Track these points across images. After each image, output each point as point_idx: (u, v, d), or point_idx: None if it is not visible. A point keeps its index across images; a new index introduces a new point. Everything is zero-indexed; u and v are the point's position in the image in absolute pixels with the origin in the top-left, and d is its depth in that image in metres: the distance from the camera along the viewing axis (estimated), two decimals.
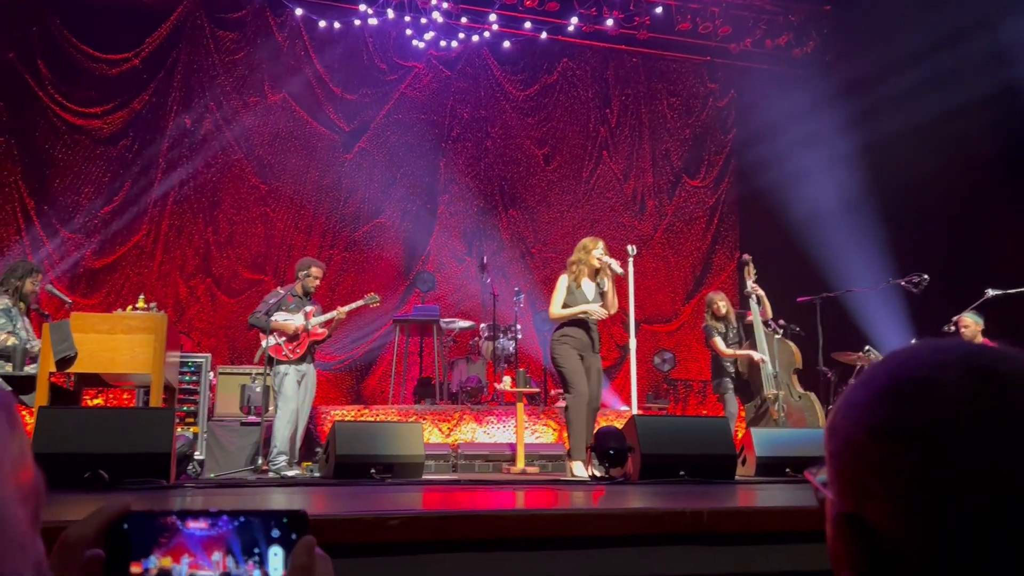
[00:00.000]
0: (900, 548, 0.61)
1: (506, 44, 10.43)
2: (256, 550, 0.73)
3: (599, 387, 5.76)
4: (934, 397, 0.62)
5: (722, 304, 7.06)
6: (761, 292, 6.94)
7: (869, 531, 0.63)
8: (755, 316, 6.87)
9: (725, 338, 6.98)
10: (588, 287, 5.79)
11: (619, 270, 5.74)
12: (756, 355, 6.79)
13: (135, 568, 0.72)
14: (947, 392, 0.62)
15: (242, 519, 0.74)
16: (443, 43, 10.21)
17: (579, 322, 5.69)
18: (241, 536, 0.73)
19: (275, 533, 0.73)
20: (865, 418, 0.64)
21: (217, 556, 0.73)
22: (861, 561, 0.63)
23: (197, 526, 0.73)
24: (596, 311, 5.69)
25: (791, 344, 7.02)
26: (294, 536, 0.73)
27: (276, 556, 0.73)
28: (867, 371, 0.69)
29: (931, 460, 0.60)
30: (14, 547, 0.47)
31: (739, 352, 6.90)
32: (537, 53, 10.66)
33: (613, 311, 5.83)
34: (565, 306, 5.71)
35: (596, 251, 5.79)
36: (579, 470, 5.22)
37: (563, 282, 5.78)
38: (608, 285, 5.79)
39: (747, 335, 7.01)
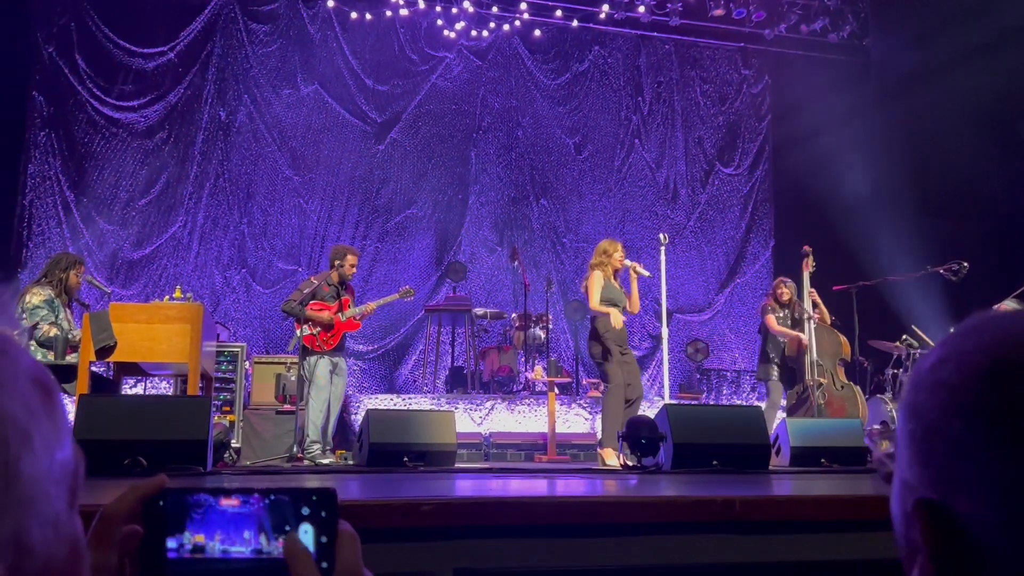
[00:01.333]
0: (993, 546, 0.56)
1: (537, 33, 10.39)
2: (287, 527, 0.74)
3: (638, 378, 5.93)
4: None
5: (787, 291, 7.04)
6: (816, 297, 6.91)
7: (954, 521, 0.58)
8: (805, 303, 6.83)
9: (777, 319, 6.98)
10: (613, 285, 6.00)
11: (646, 273, 6.02)
12: (804, 337, 6.74)
13: (170, 543, 0.74)
14: None
15: (272, 497, 0.75)
16: (474, 33, 10.20)
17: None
18: (272, 514, 0.74)
19: (304, 511, 0.74)
20: (962, 402, 0.59)
21: (248, 533, 0.74)
22: (941, 551, 0.58)
23: (229, 504, 0.74)
24: (618, 318, 5.84)
25: (838, 334, 6.94)
26: (323, 514, 0.74)
27: (306, 534, 0.74)
28: (948, 344, 0.63)
29: None
30: (47, 524, 0.48)
31: (787, 331, 6.85)
32: (568, 41, 10.60)
33: (636, 311, 6.16)
34: (604, 301, 5.76)
35: (617, 254, 6.01)
36: (611, 459, 5.32)
37: (598, 278, 5.92)
38: (633, 286, 6.07)
39: (796, 324, 6.96)
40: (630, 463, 4.76)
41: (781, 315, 6.99)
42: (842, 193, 9.15)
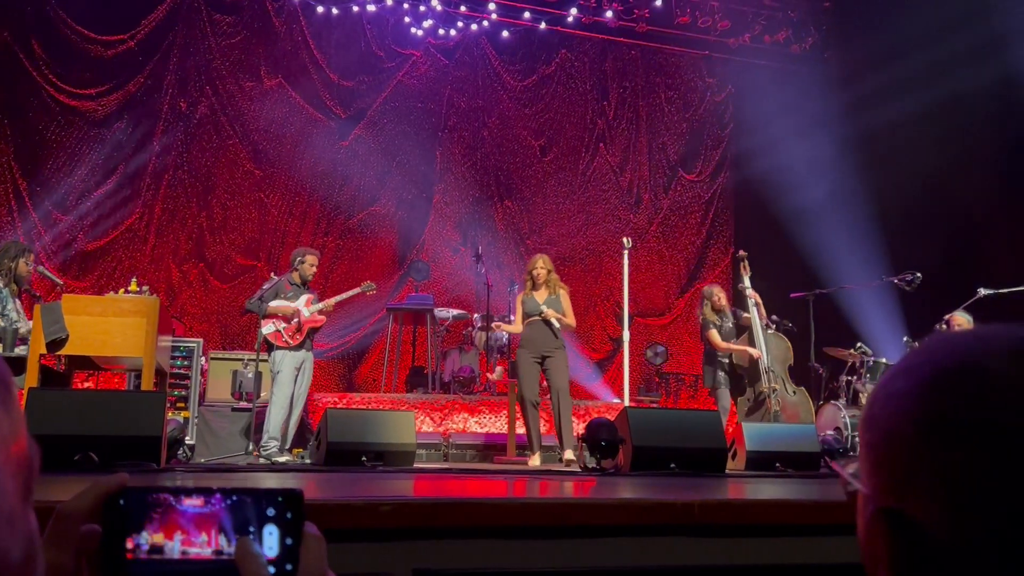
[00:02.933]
0: (946, 544, 0.58)
1: (504, 34, 10.40)
2: (251, 529, 0.72)
3: (552, 380, 6.32)
4: (984, 386, 0.59)
5: (720, 297, 7.07)
6: (758, 298, 6.95)
7: (911, 526, 0.60)
8: (752, 312, 6.89)
9: (720, 331, 6.99)
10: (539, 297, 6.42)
11: (551, 318, 6.32)
12: (753, 351, 6.81)
13: (129, 543, 0.72)
14: (997, 381, 0.58)
15: (236, 498, 0.73)
16: (441, 31, 10.17)
17: (534, 324, 6.29)
18: (235, 514, 0.73)
19: (270, 512, 0.73)
20: (909, 409, 0.61)
21: (210, 534, 0.72)
22: (901, 557, 0.61)
23: (192, 503, 0.73)
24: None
25: (785, 340, 7.04)
26: (289, 515, 0.73)
27: (271, 535, 0.72)
28: (904, 360, 0.66)
29: (983, 453, 0.57)
30: (2, 520, 0.46)
31: (734, 347, 6.91)
32: (535, 43, 10.62)
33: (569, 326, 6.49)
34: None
35: (534, 271, 6.42)
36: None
37: (518, 301, 6.56)
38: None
39: (741, 330, 7.02)
40: (590, 465, 4.78)
41: (719, 323, 7.02)
42: (801, 202, 9.30)
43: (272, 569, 0.71)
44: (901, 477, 0.61)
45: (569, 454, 6.02)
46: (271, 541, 0.72)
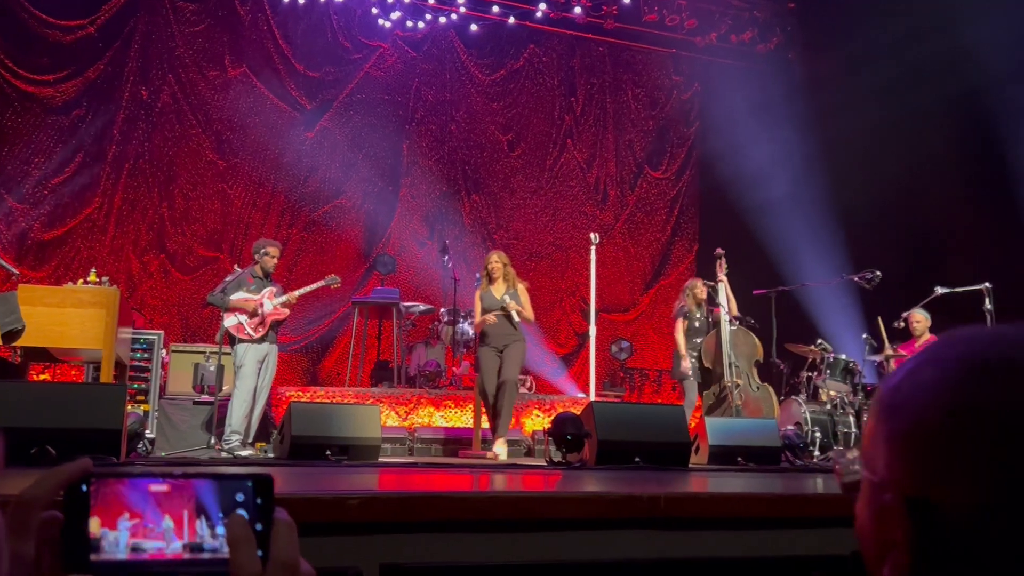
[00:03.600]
0: (973, 534, 0.60)
1: (473, 27, 10.36)
2: (220, 515, 0.71)
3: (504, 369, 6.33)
4: (1017, 378, 0.60)
5: (702, 291, 7.18)
6: (729, 290, 7.05)
7: (936, 515, 0.61)
8: (722, 304, 6.97)
9: (695, 324, 7.10)
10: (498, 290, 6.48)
11: (512, 310, 6.38)
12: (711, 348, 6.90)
13: (93, 530, 0.70)
14: None
15: (206, 482, 0.72)
16: (409, 23, 10.11)
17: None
18: (204, 500, 0.71)
19: (239, 497, 0.71)
20: (942, 400, 0.62)
21: (178, 520, 0.71)
22: (924, 546, 0.62)
23: (159, 489, 0.71)
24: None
25: (753, 336, 7.13)
26: (259, 501, 0.72)
27: None
28: (928, 352, 0.67)
29: (1016, 444, 0.59)
30: None
31: (682, 349, 7.03)
32: (504, 38, 10.60)
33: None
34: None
35: (489, 265, 6.54)
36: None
37: (477, 296, 6.64)
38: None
39: (713, 325, 7.11)
40: (556, 458, 4.80)
41: (696, 314, 7.12)
42: (765, 201, 9.42)
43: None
44: (929, 467, 0.62)
45: (499, 446, 6.05)
46: None
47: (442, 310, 8.71)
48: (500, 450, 6.02)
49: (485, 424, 6.67)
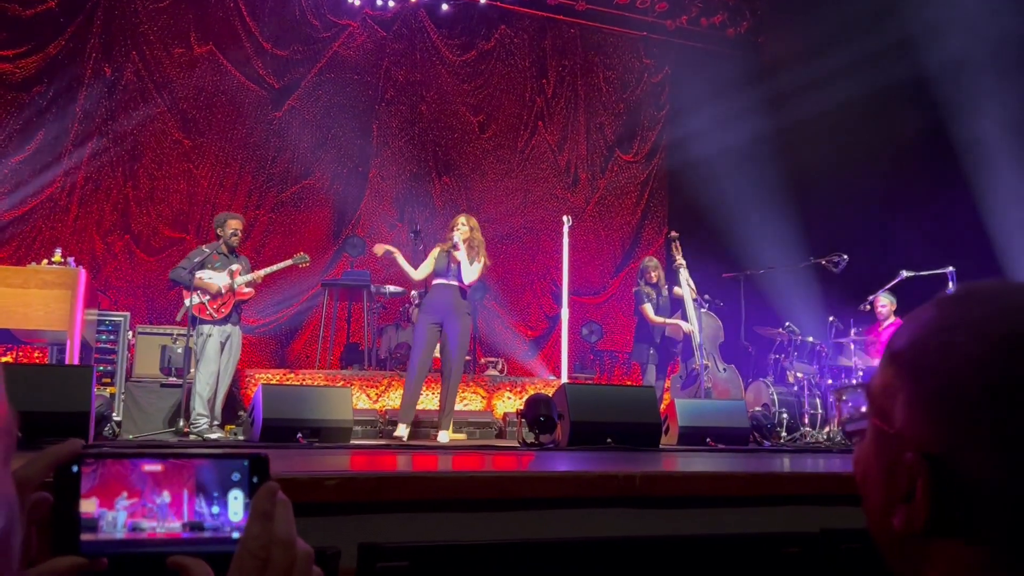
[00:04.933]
0: (1001, 498, 0.62)
1: (444, 7, 10.26)
2: (215, 493, 0.70)
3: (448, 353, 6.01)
4: None
5: (655, 273, 7.18)
6: (687, 273, 7.09)
7: (958, 475, 0.64)
8: (684, 288, 7.03)
9: (656, 306, 7.11)
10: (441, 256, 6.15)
11: (456, 246, 6.09)
12: (685, 325, 6.95)
13: (83, 510, 0.69)
14: None
15: (201, 462, 0.71)
16: (379, 2, 9.98)
17: (435, 289, 6.07)
18: (199, 479, 0.71)
19: (235, 477, 0.71)
20: (978, 368, 0.64)
21: (173, 498, 0.70)
22: (943, 502, 0.64)
23: (153, 469, 0.70)
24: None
25: (716, 318, 7.21)
26: (255, 479, 0.71)
27: (236, 500, 0.71)
28: (953, 311, 0.68)
29: None
30: None
31: (668, 320, 7.03)
32: (475, 18, 10.52)
33: (465, 281, 6.11)
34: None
35: (456, 228, 6.19)
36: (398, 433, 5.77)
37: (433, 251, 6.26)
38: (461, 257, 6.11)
39: (676, 306, 7.16)
40: (528, 440, 4.82)
41: (654, 297, 7.15)
42: (733, 184, 9.49)
43: (236, 535, 0.69)
44: (958, 431, 0.64)
45: (444, 436, 5.81)
46: (236, 506, 0.71)
47: (413, 292, 8.68)
48: (445, 440, 5.79)
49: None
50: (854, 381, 6.69)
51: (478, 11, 10.44)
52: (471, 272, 6.01)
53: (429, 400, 7.42)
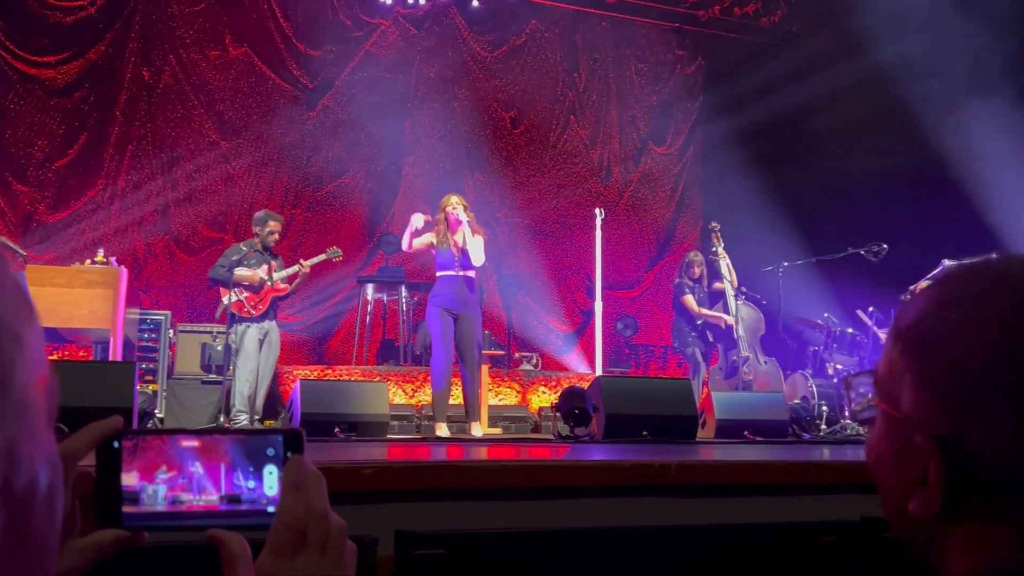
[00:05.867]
0: (1011, 475, 0.61)
1: (474, 3, 10.28)
2: (251, 468, 0.72)
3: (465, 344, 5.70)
4: None
5: (699, 268, 7.16)
6: (728, 261, 7.05)
7: (967, 455, 0.63)
8: (725, 281, 6.98)
9: (696, 300, 7.09)
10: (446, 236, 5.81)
11: (463, 217, 5.71)
12: (727, 317, 6.90)
13: (125, 485, 0.71)
14: None
15: (237, 437, 0.73)
16: (410, 0, 10.02)
17: (446, 281, 5.71)
18: (235, 455, 0.72)
19: (270, 452, 0.73)
20: (979, 344, 0.63)
21: (210, 472, 0.72)
22: (954, 484, 0.64)
23: (190, 445, 0.72)
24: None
25: (756, 310, 7.14)
26: (290, 455, 0.73)
27: (271, 474, 0.73)
28: (951, 289, 0.67)
29: None
30: (31, 435, 0.46)
31: (709, 312, 7.00)
32: (506, 14, 10.52)
33: (477, 263, 5.77)
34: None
35: (448, 205, 5.78)
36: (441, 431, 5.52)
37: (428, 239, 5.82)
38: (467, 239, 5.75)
39: (714, 301, 7.12)
40: (563, 433, 4.82)
41: (698, 291, 7.12)
42: (770, 174, 9.38)
43: (272, 508, 0.71)
44: (966, 409, 0.63)
45: (478, 430, 5.65)
46: (271, 480, 0.72)
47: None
48: (479, 431, 5.68)
49: (496, 400, 6.61)
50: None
51: (509, 7, 10.44)
52: (478, 252, 5.68)
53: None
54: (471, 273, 5.73)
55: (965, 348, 0.63)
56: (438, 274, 5.82)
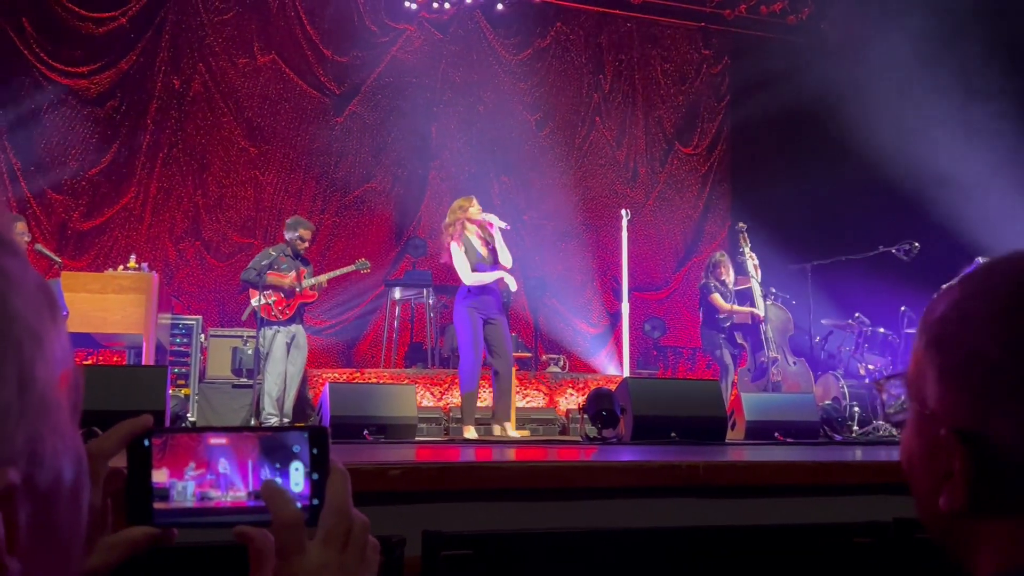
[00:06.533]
0: None
1: (499, 7, 10.30)
2: (277, 465, 0.73)
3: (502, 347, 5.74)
4: None
5: (725, 269, 7.12)
6: (756, 260, 7.00)
7: (988, 447, 0.62)
8: (752, 280, 6.92)
9: (723, 299, 7.05)
10: (475, 242, 5.82)
11: (502, 224, 5.78)
12: (755, 310, 6.85)
13: (155, 483, 0.72)
14: None
15: (263, 434, 0.74)
16: (435, 5, 10.07)
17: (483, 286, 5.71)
18: (262, 452, 0.74)
19: (296, 448, 0.74)
20: (995, 332, 0.63)
21: (237, 471, 0.73)
22: (977, 476, 0.63)
23: (218, 442, 0.73)
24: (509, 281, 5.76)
25: (784, 310, 7.07)
26: (315, 451, 0.74)
27: (297, 471, 0.74)
28: (968, 285, 0.67)
29: None
30: (55, 432, 0.47)
31: (737, 308, 6.94)
32: (530, 17, 10.53)
33: (508, 264, 5.84)
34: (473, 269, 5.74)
35: (472, 208, 5.83)
36: (469, 434, 5.51)
37: (455, 250, 5.79)
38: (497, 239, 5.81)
39: (740, 302, 7.06)
40: (590, 435, 4.81)
41: (725, 292, 7.07)
42: (798, 173, 9.28)
43: (298, 504, 0.72)
44: (984, 399, 0.63)
45: (510, 428, 5.67)
46: (297, 477, 0.73)
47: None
48: (514, 433, 5.70)
49: (524, 402, 6.61)
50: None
51: (534, 9, 10.45)
52: (507, 253, 5.79)
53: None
54: (506, 268, 5.81)
55: (977, 337, 0.63)
56: (474, 275, 5.79)
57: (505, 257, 5.79)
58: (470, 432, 5.57)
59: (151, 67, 9.14)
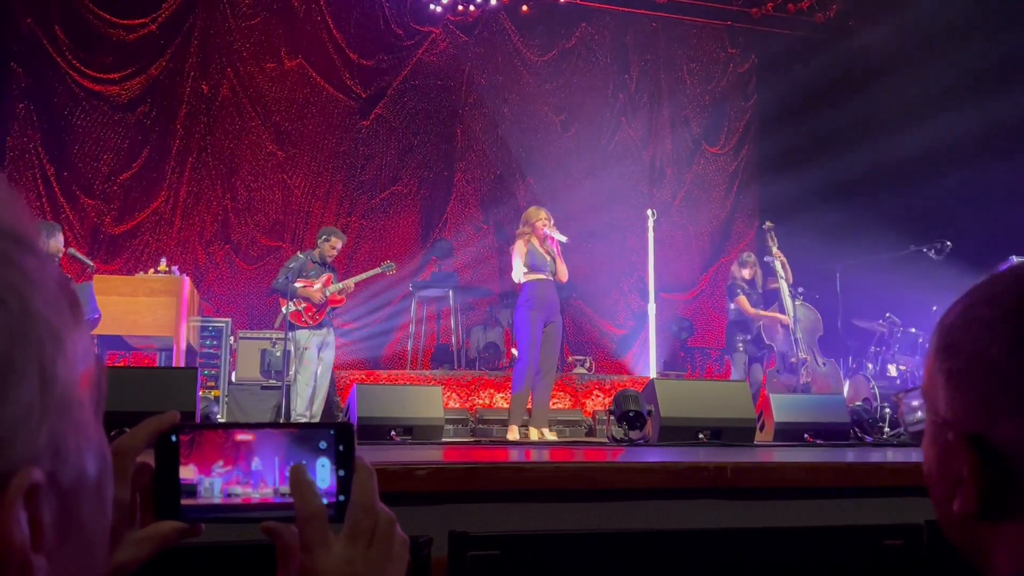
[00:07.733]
0: None
1: (524, 8, 10.30)
2: (303, 461, 0.74)
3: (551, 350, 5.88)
4: None
5: (750, 270, 7.04)
6: (783, 259, 6.92)
7: (996, 450, 0.62)
8: (780, 281, 6.86)
9: (750, 301, 6.97)
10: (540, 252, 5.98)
11: (562, 238, 5.96)
12: (783, 317, 6.78)
13: (183, 478, 0.73)
14: None
15: (290, 431, 0.75)
16: (460, 7, 10.10)
17: (542, 285, 5.84)
18: (288, 448, 0.74)
19: (322, 445, 0.74)
20: (1000, 335, 0.62)
21: (264, 467, 0.74)
22: (989, 481, 0.63)
23: (245, 438, 0.74)
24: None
25: (814, 310, 6.99)
26: (341, 448, 0.74)
27: (323, 467, 0.74)
28: (977, 292, 0.67)
29: None
30: (77, 429, 0.48)
31: (764, 312, 6.88)
32: (555, 18, 10.53)
33: (564, 279, 6.00)
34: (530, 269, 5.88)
35: (539, 220, 5.98)
36: (512, 436, 5.56)
37: (520, 247, 5.94)
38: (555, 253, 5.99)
39: (769, 302, 6.99)
40: (617, 436, 4.79)
41: (748, 291, 6.99)
42: (828, 172, 9.18)
43: (324, 500, 0.72)
44: (987, 400, 0.63)
45: (547, 431, 5.72)
46: (323, 473, 0.74)
47: (499, 293, 8.76)
48: (550, 435, 5.75)
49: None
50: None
51: (559, 11, 10.44)
52: (564, 268, 5.98)
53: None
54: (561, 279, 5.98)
55: (981, 340, 0.63)
56: (529, 277, 5.90)
57: (562, 271, 5.96)
58: (513, 433, 5.64)
59: (180, 73, 9.27)
